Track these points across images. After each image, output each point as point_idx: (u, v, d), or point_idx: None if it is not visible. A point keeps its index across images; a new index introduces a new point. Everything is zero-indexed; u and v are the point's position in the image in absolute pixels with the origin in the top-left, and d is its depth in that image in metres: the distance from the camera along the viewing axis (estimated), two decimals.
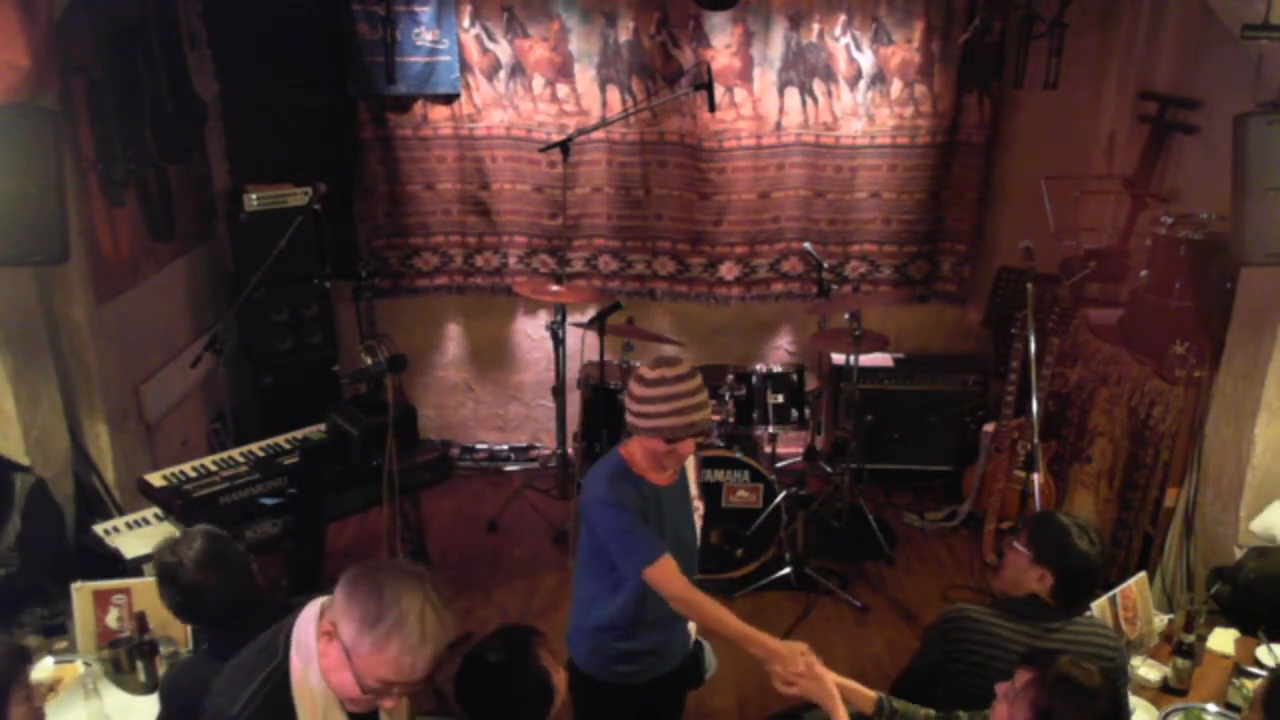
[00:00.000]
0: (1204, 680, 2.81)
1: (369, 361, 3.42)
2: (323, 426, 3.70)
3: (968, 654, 2.42)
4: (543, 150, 4.89)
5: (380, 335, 3.66)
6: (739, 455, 4.27)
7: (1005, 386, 4.49)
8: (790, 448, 5.43)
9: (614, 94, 5.01)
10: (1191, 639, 2.79)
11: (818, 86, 5.00)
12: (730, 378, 4.48)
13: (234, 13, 4.81)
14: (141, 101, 4.14)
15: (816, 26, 4.89)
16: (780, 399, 4.52)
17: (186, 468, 3.58)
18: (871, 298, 5.36)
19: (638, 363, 4.72)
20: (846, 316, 4.46)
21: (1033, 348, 4.19)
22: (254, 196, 4.73)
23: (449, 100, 5.03)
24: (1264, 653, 2.86)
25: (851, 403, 4.78)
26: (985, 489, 4.75)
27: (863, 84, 5.00)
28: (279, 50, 4.89)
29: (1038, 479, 4.05)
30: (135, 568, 3.11)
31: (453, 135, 5.10)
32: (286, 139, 5.02)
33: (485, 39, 4.94)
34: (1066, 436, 4.65)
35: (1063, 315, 4.36)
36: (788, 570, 4.44)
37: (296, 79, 4.96)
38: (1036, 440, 4.08)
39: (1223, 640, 2.97)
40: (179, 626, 2.80)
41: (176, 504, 3.36)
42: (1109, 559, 2.54)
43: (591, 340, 4.70)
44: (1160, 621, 3.05)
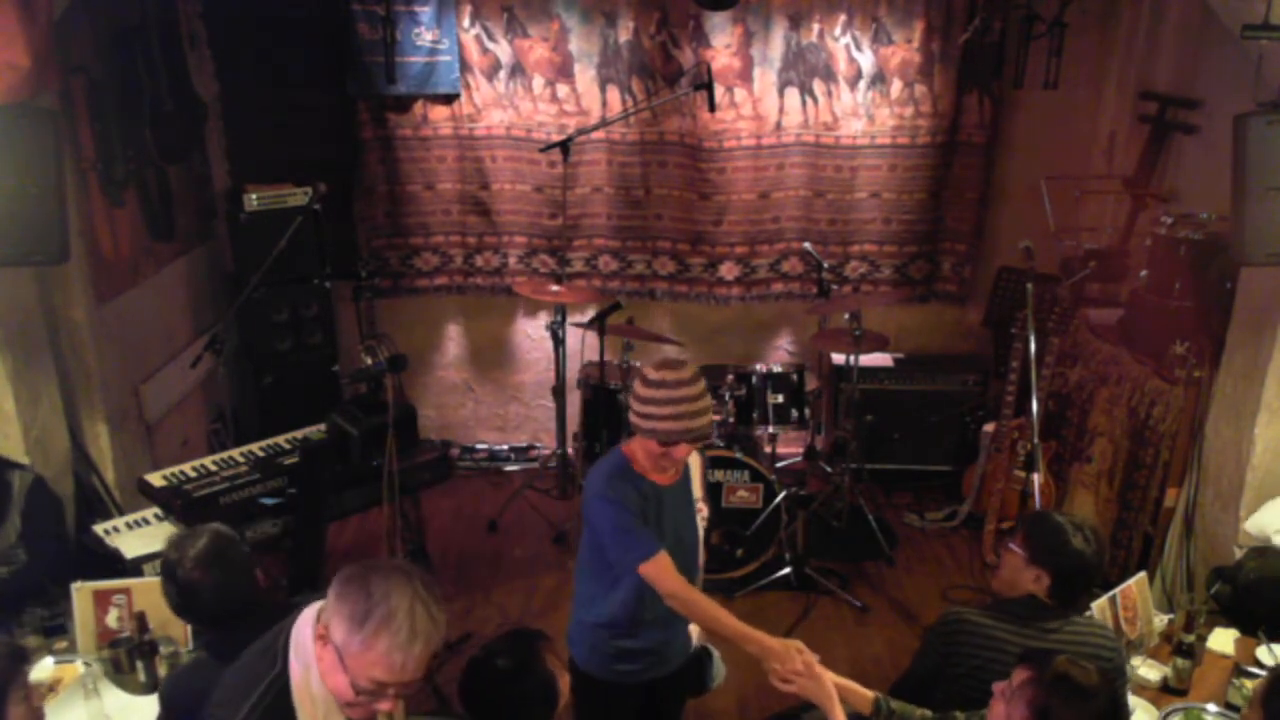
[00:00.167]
0: (1204, 680, 2.81)
1: (369, 361, 3.42)
2: (323, 426, 3.70)
3: (967, 657, 2.42)
4: (543, 150, 4.89)
5: (380, 335, 3.66)
6: (739, 455, 4.27)
7: (1005, 386, 4.49)
8: (790, 448, 5.43)
9: (614, 94, 5.01)
10: (1191, 639, 2.79)
11: (818, 86, 5.00)
12: (730, 378, 4.48)
13: (234, 13, 4.81)
14: (141, 101, 4.14)
15: (816, 26, 4.89)
16: (780, 399, 4.52)
17: (186, 468, 3.58)
18: (871, 298, 5.36)
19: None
20: (846, 316, 4.46)
21: (1033, 348, 4.19)
22: (254, 196, 4.73)
23: (449, 100, 5.03)
24: (1264, 653, 2.86)
25: (851, 403, 4.78)
26: (985, 489, 4.75)
27: (863, 84, 5.00)
28: (279, 50, 4.89)
29: (1038, 479, 4.05)
30: (135, 568, 3.12)
31: (453, 135, 5.10)
32: (286, 139, 5.03)
33: (485, 39, 4.94)
34: (1066, 436, 4.64)
35: (1063, 315, 4.36)
36: (788, 570, 4.44)
37: (296, 79, 4.96)
38: (1036, 440, 4.08)
39: (1223, 640, 2.97)
40: (179, 626, 2.80)
41: (176, 504, 3.36)
42: (1105, 557, 2.54)
43: (591, 340, 4.71)
44: (1160, 621, 3.05)
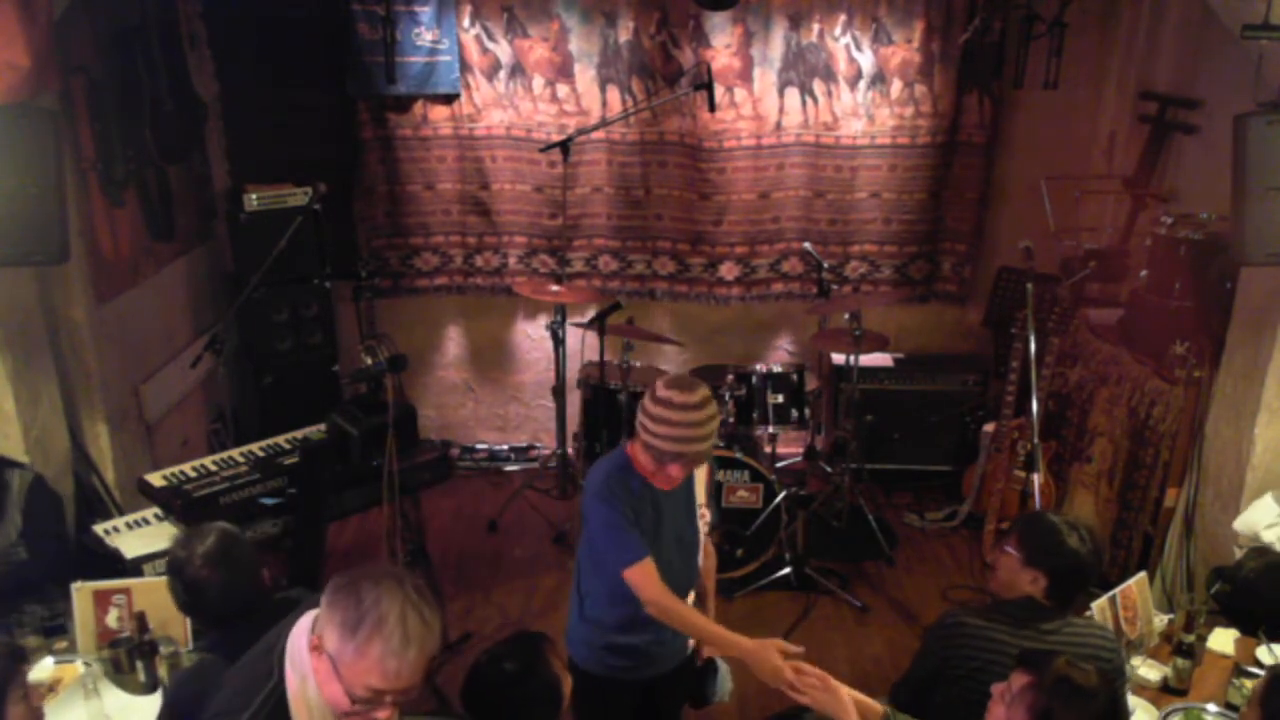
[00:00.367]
0: (1204, 680, 2.81)
1: (369, 361, 3.42)
2: (323, 426, 3.70)
3: (965, 660, 2.42)
4: (543, 150, 4.89)
5: (380, 335, 3.65)
6: (739, 455, 4.27)
7: (1005, 386, 4.49)
8: (790, 448, 5.43)
9: (614, 94, 5.01)
10: (1191, 639, 2.79)
11: (818, 86, 5.00)
12: (730, 378, 4.48)
13: (234, 13, 4.80)
14: (141, 101, 4.14)
15: (816, 26, 4.89)
16: (780, 399, 4.52)
17: (186, 468, 3.57)
18: (871, 298, 5.36)
19: (638, 363, 4.73)
20: (846, 316, 4.46)
21: (1033, 348, 4.19)
22: (254, 196, 4.73)
23: (449, 100, 5.03)
24: (1264, 653, 2.86)
25: (851, 403, 4.78)
26: (985, 489, 4.75)
27: (863, 84, 5.00)
28: (279, 50, 4.89)
29: (1038, 479, 4.05)
30: (135, 568, 3.11)
31: (453, 135, 5.10)
32: (286, 139, 5.02)
33: (485, 39, 4.94)
34: (1066, 436, 4.64)
35: (1063, 315, 4.36)
36: (788, 570, 4.44)
37: (296, 79, 4.96)
38: (1036, 440, 4.08)
39: (1223, 640, 2.97)
40: (179, 626, 2.80)
41: (176, 504, 3.36)
42: (1102, 556, 2.54)
43: (591, 340, 4.70)
44: (1160, 621, 3.04)
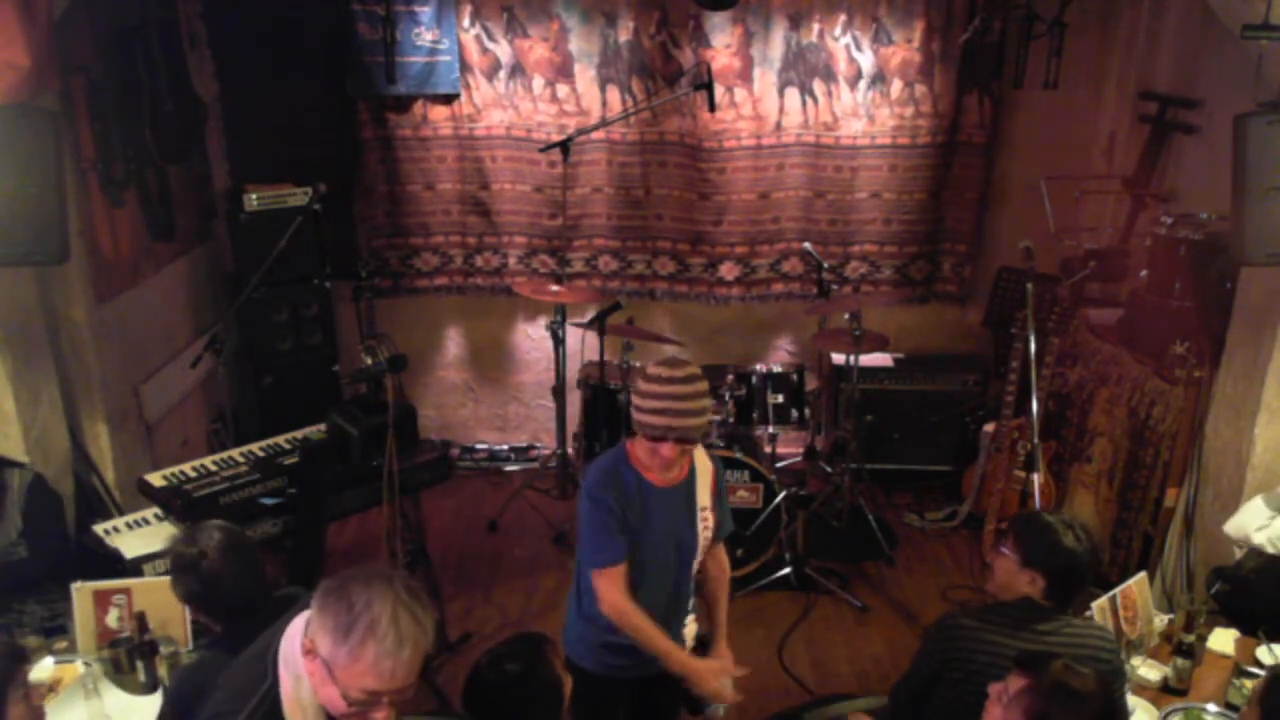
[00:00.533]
0: (1204, 680, 2.81)
1: (369, 361, 3.42)
2: (323, 426, 3.70)
3: (964, 662, 2.42)
4: (543, 150, 4.89)
5: (380, 335, 3.65)
6: (739, 455, 4.27)
7: (1005, 386, 4.49)
8: (790, 448, 5.43)
9: (614, 94, 5.01)
10: (1191, 639, 2.79)
11: (818, 86, 5.00)
12: (730, 378, 4.48)
13: (234, 13, 4.81)
14: (141, 101, 4.14)
15: (816, 26, 4.89)
16: (780, 399, 4.51)
17: (186, 468, 3.57)
18: (872, 298, 5.36)
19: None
20: (846, 316, 4.46)
21: (1033, 348, 4.19)
22: (254, 196, 4.72)
23: (449, 100, 5.03)
24: (1264, 653, 2.86)
25: (851, 403, 4.78)
26: (985, 489, 4.74)
27: (863, 84, 5.00)
28: (279, 50, 4.89)
29: (1038, 479, 4.05)
30: (135, 568, 3.12)
31: (453, 135, 5.10)
32: (286, 139, 5.02)
33: (485, 39, 4.94)
34: (1066, 436, 4.64)
35: (1063, 315, 4.36)
36: (788, 570, 4.44)
37: (296, 79, 4.96)
38: (1036, 440, 4.08)
39: (1223, 640, 2.97)
40: (179, 626, 2.80)
41: (176, 504, 3.36)
42: (1098, 553, 2.54)
43: (591, 340, 4.70)
44: (1160, 621, 3.04)
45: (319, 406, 3.73)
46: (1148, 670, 2.82)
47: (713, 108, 4.65)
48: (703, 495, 2.66)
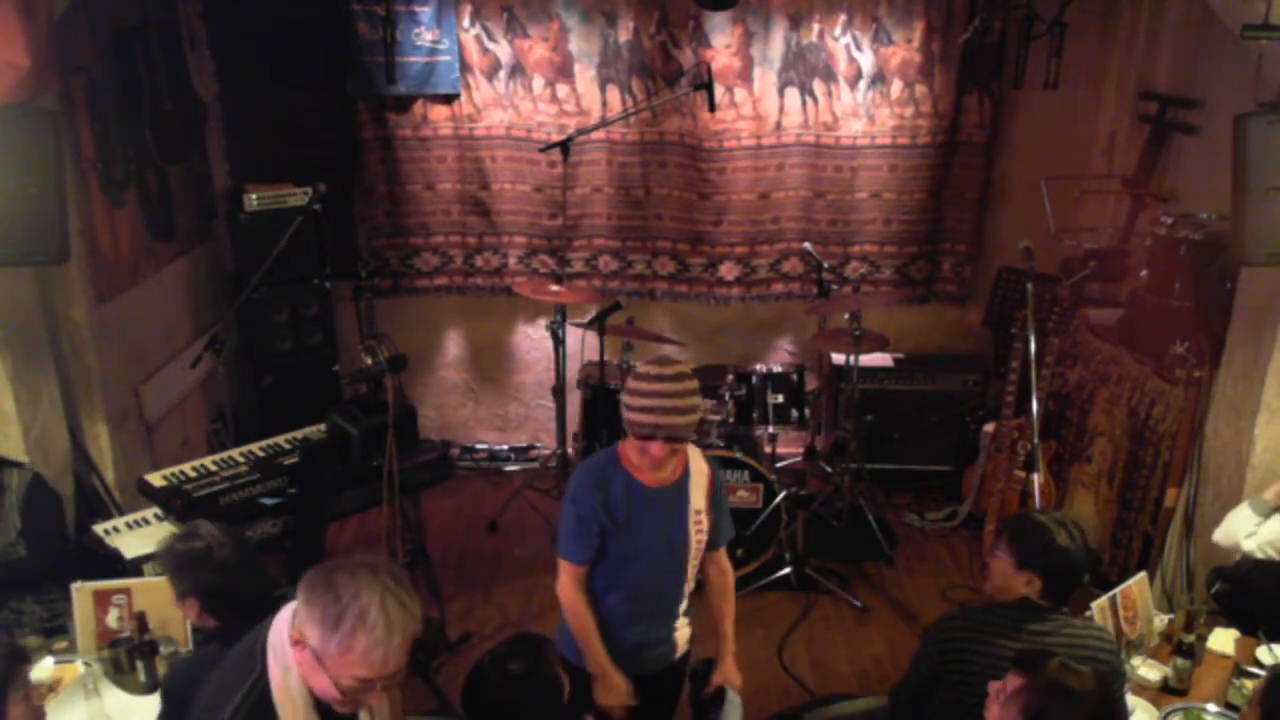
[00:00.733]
0: (1204, 680, 2.81)
1: (369, 361, 3.42)
2: (323, 426, 3.70)
3: (963, 663, 2.43)
4: (543, 150, 4.88)
5: (380, 335, 3.65)
6: (739, 455, 4.27)
7: (1005, 386, 4.49)
8: (790, 448, 5.43)
9: (614, 94, 5.01)
10: (1191, 639, 2.79)
11: (818, 86, 5.00)
12: (730, 378, 4.48)
13: (234, 13, 4.80)
14: (141, 101, 4.14)
15: (816, 26, 4.89)
16: (780, 399, 4.51)
17: (186, 468, 3.58)
18: (872, 298, 5.36)
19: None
20: (846, 316, 4.46)
21: (1033, 348, 4.19)
22: (254, 196, 4.72)
23: (449, 100, 5.03)
24: (1264, 653, 2.86)
25: (851, 403, 4.78)
26: (985, 489, 4.74)
27: (863, 84, 5.00)
28: (279, 50, 4.89)
29: (1038, 479, 4.05)
30: (135, 568, 3.12)
31: (453, 135, 5.10)
32: (286, 139, 5.02)
33: (485, 39, 4.94)
34: (1066, 436, 4.64)
35: (1063, 315, 4.36)
36: (788, 570, 4.44)
37: (296, 79, 4.96)
38: (1036, 440, 4.08)
39: (1223, 640, 2.97)
40: (179, 626, 2.80)
41: (176, 504, 3.36)
42: (1091, 548, 2.55)
43: (591, 340, 4.70)
44: (1160, 621, 3.04)
45: (319, 406, 3.73)
46: (1148, 670, 2.82)
47: (713, 108, 4.65)
48: (697, 498, 2.63)
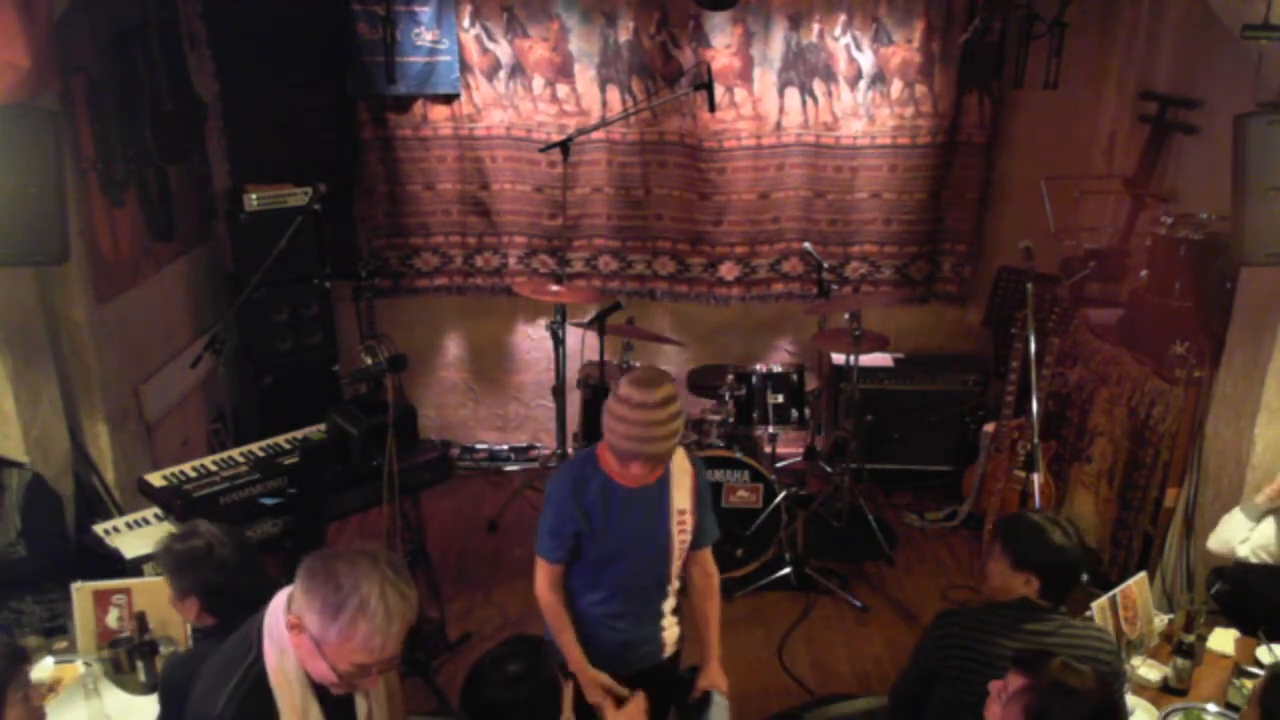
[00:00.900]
0: (1204, 680, 2.81)
1: (369, 361, 3.42)
2: (323, 426, 3.70)
3: (962, 661, 2.43)
4: (543, 150, 4.89)
5: (380, 335, 3.65)
6: (739, 455, 4.27)
7: (1005, 386, 4.49)
8: (790, 448, 5.43)
9: (614, 94, 5.01)
10: (1191, 639, 2.79)
11: (818, 86, 5.00)
12: (730, 378, 4.48)
13: (234, 13, 4.80)
14: (141, 101, 4.14)
15: (816, 26, 4.89)
16: (780, 399, 4.51)
17: (186, 468, 3.58)
18: (872, 298, 5.36)
19: (638, 363, 4.72)
20: (846, 316, 4.46)
21: (1033, 348, 4.19)
22: (254, 196, 4.72)
23: (449, 100, 5.03)
24: (1264, 653, 2.86)
25: (851, 403, 4.78)
26: (985, 489, 4.75)
27: (863, 84, 5.00)
28: (279, 50, 4.89)
29: (1038, 479, 4.04)
30: (135, 568, 3.12)
31: (453, 135, 5.10)
32: (286, 139, 5.02)
33: (485, 39, 4.94)
34: (1066, 436, 4.64)
35: (1063, 315, 4.36)
36: (788, 570, 4.44)
37: (296, 79, 4.96)
38: (1036, 440, 4.08)
39: (1223, 640, 2.97)
40: (179, 626, 2.80)
41: (176, 504, 3.36)
42: (1086, 543, 2.56)
43: (591, 340, 4.71)
44: (1160, 621, 3.04)
45: (319, 406, 3.73)
46: (1148, 670, 2.82)
47: (713, 108, 4.65)
48: (680, 498, 2.59)
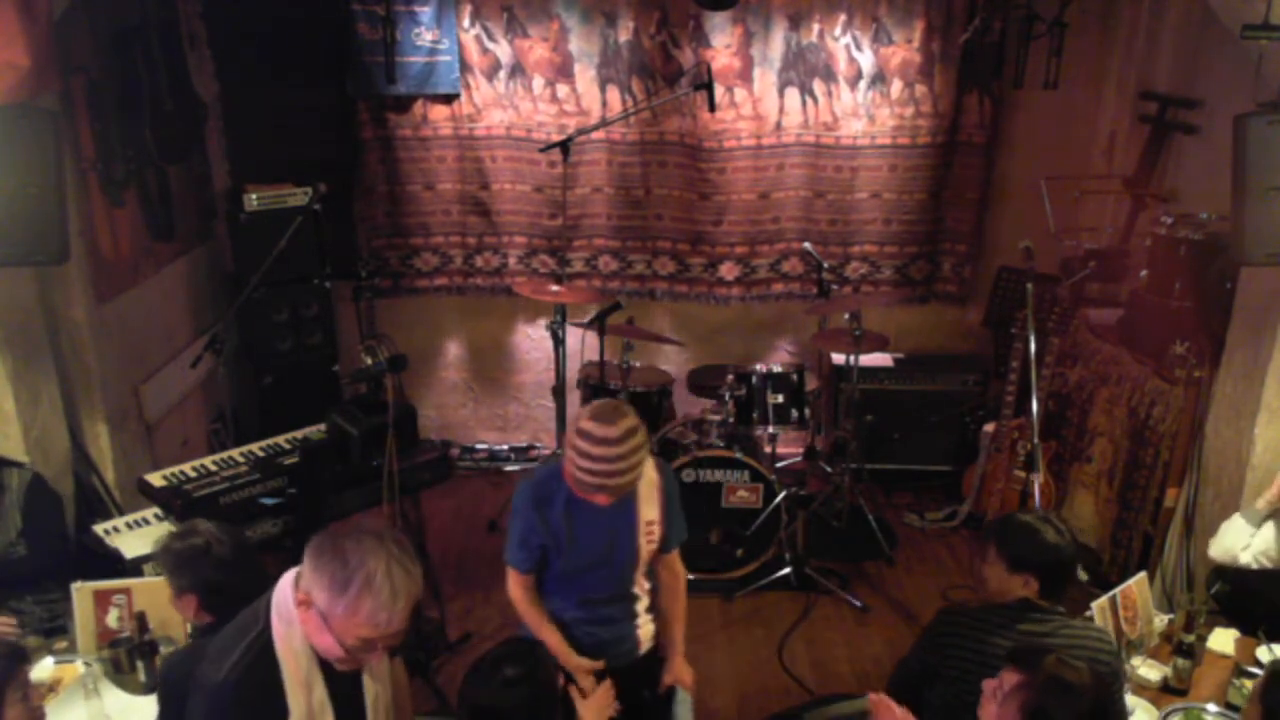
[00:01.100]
0: (1204, 680, 2.81)
1: (369, 361, 3.42)
2: (323, 426, 3.70)
3: (960, 660, 2.43)
4: (543, 150, 4.89)
5: (380, 335, 3.65)
6: (739, 455, 4.27)
7: (1005, 386, 4.49)
8: (790, 448, 5.43)
9: (614, 94, 5.01)
10: (1191, 639, 2.79)
11: (818, 86, 5.00)
12: (730, 378, 4.48)
13: (234, 13, 4.80)
14: (141, 101, 4.14)
15: (816, 26, 4.89)
16: (780, 399, 4.51)
17: (186, 468, 3.58)
18: (872, 298, 5.36)
19: (638, 363, 4.72)
20: (846, 316, 4.46)
21: (1033, 348, 4.19)
22: (254, 196, 4.72)
23: (449, 100, 5.03)
24: (1264, 653, 2.86)
25: (851, 403, 4.78)
26: (985, 489, 4.75)
27: (863, 84, 5.00)
28: (279, 50, 4.89)
29: (1038, 479, 4.05)
30: (135, 568, 3.12)
31: (453, 135, 5.10)
32: (286, 139, 5.02)
33: (485, 39, 4.94)
34: (1066, 436, 4.64)
35: (1063, 315, 4.36)
36: (788, 570, 4.44)
37: (296, 79, 4.96)
38: (1036, 440, 4.08)
39: (1223, 640, 2.97)
40: (179, 626, 2.80)
41: (176, 504, 3.36)
42: (1077, 538, 2.57)
43: (591, 340, 4.70)
44: (1160, 621, 3.05)
45: (319, 406, 3.74)
46: (1148, 670, 2.82)
47: (713, 108, 4.65)
48: (647, 509, 2.56)
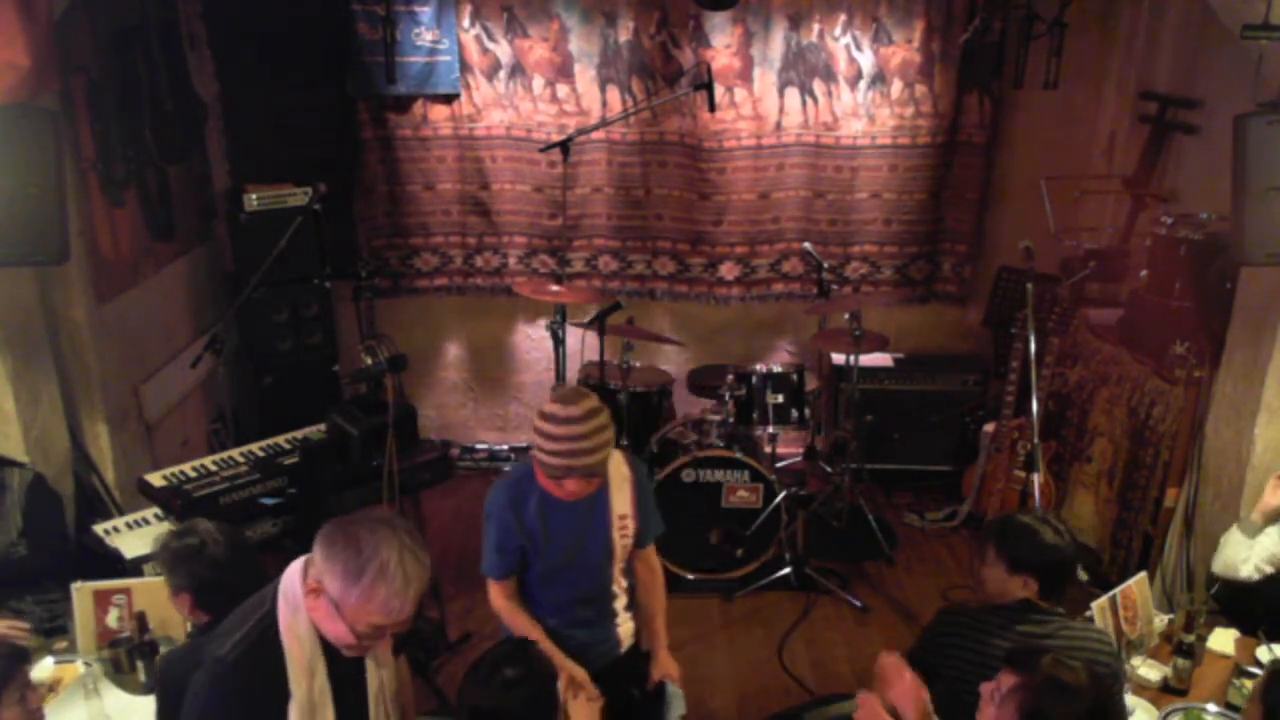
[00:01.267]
0: (1204, 680, 2.81)
1: (369, 361, 3.42)
2: (323, 426, 3.70)
3: (960, 660, 2.43)
4: (543, 150, 4.88)
5: (380, 335, 3.66)
6: (739, 455, 4.27)
7: (1005, 386, 4.49)
8: (790, 448, 5.43)
9: (614, 94, 5.01)
10: (1191, 639, 2.79)
11: (818, 86, 5.00)
12: (730, 378, 4.48)
13: (234, 13, 4.80)
14: (141, 101, 4.14)
15: (816, 26, 4.89)
16: (780, 399, 4.51)
17: (186, 468, 3.58)
18: (872, 298, 5.36)
19: (638, 363, 4.72)
20: (846, 316, 4.46)
21: (1033, 348, 4.19)
22: (254, 196, 4.72)
23: (449, 100, 5.03)
24: (1264, 653, 2.86)
25: (851, 403, 4.78)
26: (985, 489, 4.75)
27: (863, 84, 5.00)
28: (279, 50, 4.89)
29: (1038, 479, 4.05)
30: (135, 568, 3.12)
31: (453, 135, 5.11)
32: (286, 139, 5.02)
33: (485, 39, 4.94)
34: (1066, 436, 4.64)
35: (1063, 315, 4.36)
36: (788, 570, 4.44)
37: (296, 79, 4.96)
38: (1036, 440, 4.08)
39: (1223, 640, 2.97)
40: (179, 626, 2.80)
41: (176, 504, 3.36)
42: (1075, 537, 2.57)
43: (591, 340, 4.70)
44: (1160, 621, 3.05)
45: (319, 406, 3.74)
46: (1148, 670, 2.82)
47: (713, 108, 4.64)
48: (620, 504, 2.58)
